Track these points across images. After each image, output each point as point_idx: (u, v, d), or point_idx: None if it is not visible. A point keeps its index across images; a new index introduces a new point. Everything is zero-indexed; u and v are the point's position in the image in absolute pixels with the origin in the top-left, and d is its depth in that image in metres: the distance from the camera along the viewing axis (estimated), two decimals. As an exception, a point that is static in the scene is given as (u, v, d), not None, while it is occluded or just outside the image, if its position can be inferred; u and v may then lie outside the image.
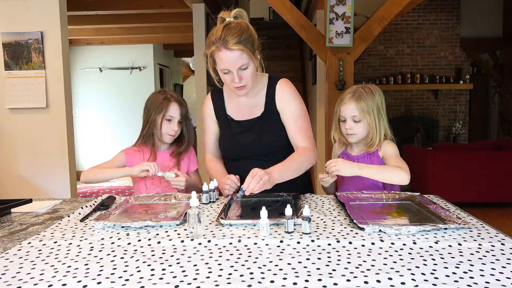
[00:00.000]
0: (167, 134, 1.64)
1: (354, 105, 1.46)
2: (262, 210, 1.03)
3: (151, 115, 1.64)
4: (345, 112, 1.49)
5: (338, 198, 1.36)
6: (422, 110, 6.97)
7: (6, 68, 3.19)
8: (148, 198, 1.44)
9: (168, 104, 1.63)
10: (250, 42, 1.35)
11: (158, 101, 1.64)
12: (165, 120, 1.63)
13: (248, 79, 1.40)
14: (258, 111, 1.53)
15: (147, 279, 0.79)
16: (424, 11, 6.75)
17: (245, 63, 1.35)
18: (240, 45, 1.31)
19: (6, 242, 1.04)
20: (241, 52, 1.32)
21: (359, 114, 1.46)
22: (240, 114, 1.56)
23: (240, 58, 1.34)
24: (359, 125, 1.48)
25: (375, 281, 0.76)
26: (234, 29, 1.33)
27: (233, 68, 1.35)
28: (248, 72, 1.38)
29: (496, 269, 0.80)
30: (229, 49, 1.32)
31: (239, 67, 1.35)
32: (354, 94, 1.48)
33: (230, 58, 1.33)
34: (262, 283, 0.76)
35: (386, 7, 3.08)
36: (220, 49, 1.33)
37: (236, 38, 1.31)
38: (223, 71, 1.39)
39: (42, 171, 3.25)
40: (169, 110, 1.63)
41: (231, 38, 1.31)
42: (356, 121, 1.47)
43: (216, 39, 1.33)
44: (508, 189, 4.38)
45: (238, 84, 1.39)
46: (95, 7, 4.55)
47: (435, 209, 1.21)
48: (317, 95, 4.67)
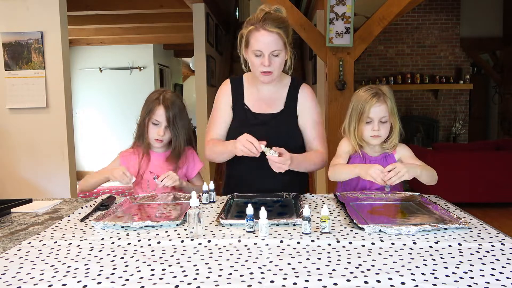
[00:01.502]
0: (153, 139, 1.58)
1: (385, 106, 1.44)
2: (261, 210, 1.03)
3: (142, 116, 1.60)
4: (374, 113, 1.44)
5: (338, 198, 1.36)
6: (422, 110, 6.97)
7: (6, 68, 3.19)
8: (148, 198, 1.44)
9: (155, 107, 1.56)
10: (287, 32, 1.41)
11: (150, 101, 1.59)
12: (152, 124, 1.57)
13: (276, 66, 1.42)
14: (277, 107, 1.53)
15: (147, 279, 0.79)
16: (424, 11, 6.75)
17: (278, 49, 1.39)
18: (278, 29, 1.37)
19: (6, 242, 1.04)
20: (278, 36, 1.37)
21: (388, 115, 1.45)
22: (258, 106, 1.55)
23: (275, 42, 1.38)
24: (385, 126, 1.46)
25: (375, 281, 0.76)
26: (275, 16, 1.39)
27: (266, 50, 1.38)
28: (278, 60, 1.41)
29: (496, 269, 0.80)
30: (268, 30, 1.36)
31: (271, 52, 1.39)
32: (380, 95, 1.44)
33: (266, 39, 1.37)
34: (262, 283, 0.76)
35: (386, 7, 3.07)
36: (259, 29, 1.37)
37: (275, 23, 1.37)
38: (255, 53, 1.41)
39: (42, 171, 3.25)
40: (155, 113, 1.56)
41: (271, 22, 1.37)
42: (383, 122, 1.45)
43: (256, 20, 1.38)
44: (508, 189, 4.38)
45: (266, 69, 1.41)
46: (95, 7, 4.55)
47: (435, 209, 1.21)
48: (317, 95, 4.65)
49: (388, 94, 1.47)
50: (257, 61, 1.41)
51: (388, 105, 1.45)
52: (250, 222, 1.06)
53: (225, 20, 6.02)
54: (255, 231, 1.05)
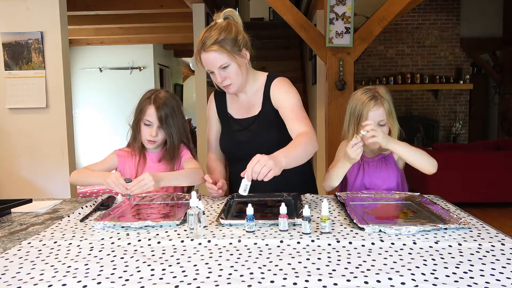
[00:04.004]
0: (146, 139, 1.55)
1: (382, 109, 1.44)
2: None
3: (134, 117, 1.57)
4: (373, 117, 1.43)
5: (338, 198, 1.36)
6: (422, 110, 6.97)
7: (6, 68, 3.19)
8: (148, 198, 1.44)
9: (146, 106, 1.53)
10: (230, 41, 1.38)
11: (141, 101, 1.56)
12: (144, 125, 1.54)
13: (232, 77, 1.42)
14: (256, 110, 1.54)
15: (147, 279, 0.79)
16: (424, 11, 6.75)
17: (224, 62, 1.39)
18: (216, 45, 1.36)
19: (6, 242, 1.04)
20: (217, 52, 1.36)
21: (386, 118, 1.45)
22: (239, 112, 1.57)
23: (217, 58, 1.38)
24: (383, 129, 1.45)
25: (375, 281, 0.76)
26: (213, 30, 1.38)
27: (213, 68, 1.40)
28: (230, 71, 1.41)
29: (496, 269, 0.80)
30: (206, 51, 1.37)
31: (219, 67, 1.39)
32: (377, 98, 1.44)
33: (208, 59, 1.39)
34: (262, 283, 0.76)
35: (386, 7, 3.07)
36: (200, 52, 1.40)
37: (212, 39, 1.36)
38: (208, 72, 1.44)
39: (42, 171, 3.25)
40: (146, 113, 1.52)
41: (208, 40, 1.36)
42: (381, 125, 1.45)
43: (198, 43, 1.40)
44: (508, 189, 4.38)
45: (223, 83, 1.44)
46: (95, 7, 4.55)
47: (435, 209, 1.21)
48: (317, 95, 4.66)
49: (386, 96, 1.47)
50: (213, 78, 1.45)
51: (385, 107, 1.44)
52: (250, 222, 1.06)
53: (225, 20, 6.01)
54: (255, 231, 1.06)
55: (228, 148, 1.61)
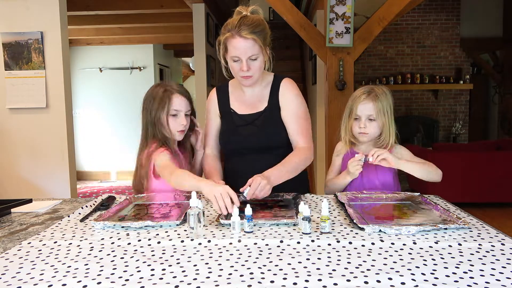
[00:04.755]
0: (177, 131, 1.50)
1: (371, 104, 1.46)
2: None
3: (155, 113, 1.48)
4: (361, 111, 1.48)
5: (338, 198, 1.36)
6: (422, 110, 6.97)
7: (6, 68, 3.19)
8: (148, 198, 1.44)
9: (171, 97, 1.48)
10: (263, 35, 1.41)
11: (159, 95, 1.49)
12: (171, 116, 1.49)
13: (256, 70, 1.44)
14: (262, 106, 1.56)
15: (147, 279, 0.79)
16: (424, 11, 6.75)
17: (255, 53, 1.41)
18: (254, 35, 1.37)
19: (6, 242, 1.04)
20: (254, 42, 1.38)
21: (376, 113, 1.46)
22: (243, 108, 1.58)
23: (251, 47, 1.39)
24: (373, 125, 1.48)
25: (375, 281, 0.76)
26: (250, 20, 1.39)
27: (243, 56, 1.40)
28: (256, 64, 1.43)
29: (496, 269, 0.80)
30: (243, 37, 1.37)
31: (249, 57, 1.40)
32: (371, 93, 1.48)
33: (242, 46, 1.39)
34: (262, 283, 0.76)
35: (386, 7, 3.07)
36: (234, 36, 1.38)
37: (251, 28, 1.37)
38: (233, 59, 1.43)
39: (42, 171, 3.25)
40: (172, 103, 1.48)
41: (246, 28, 1.37)
42: (371, 120, 1.47)
43: (232, 27, 1.39)
44: (508, 189, 4.38)
45: (245, 74, 1.43)
46: (95, 7, 4.55)
47: (435, 209, 1.21)
48: (317, 95, 4.67)
49: (381, 94, 1.48)
50: (236, 66, 1.44)
51: (376, 104, 1.46)
52: (249, 223, 1.06)
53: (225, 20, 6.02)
54: (255, 231, 1.06)
55: (229, 142, 1.59)
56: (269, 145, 1.53)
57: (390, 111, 1.49)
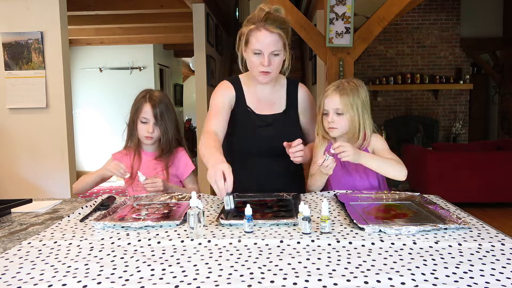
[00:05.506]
0: (143, 137, 1.61)
1: (338, 98, 1.44)
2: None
3: (131, 116, 1.64)
4: (328, 105, 1.46)
5: (338, 198, 1.36)
6: (422, 110, 6.96)
7: (6, 68, 3.19)
8: (148, 198, 1.44)
9: (142, 104, 1.60)
10: (287, 33, 1.41)
11: (137, 100, 1.63)
12: (140, 122, 1.60)
13: (275, 67, 1.43)
14: (279, 108, 1.55)
15: (147, 279, 0.79)
16: (424, 11, 6.75)
17: (278, 49, 1.40)
18: (280, 30, 1.37)
19: (6, 242, 1.04)
20: (279, 37, 1.38)
21: (343, 107, 1.43)
22: (260, 108, 1.55)
23: (275, 42, 1.38)
24: (342, 119, 1.45)
25: (375, 281, 0.76)
26: (275, 16, 1.39)
27: (266, 50, 1.39)
28: (277, 60, 1.42)
29: (496, 269, 0.80)
30: (269, 30, 1.37)
31: (271, 51, 1.39)
32: (338, 87, 1.46)
33: (267, 39, 1.37)
34: (262, 283, 0.76)
35: (386, 7, 3.07)
36: (260, 29, 1.38)
37: (277, 23, 1.37)
38: (254, 52, 1.41)
39: (42, 171, 3.25)
40: (142, 111, 1.60)
41: (272, 22, 1.37)
42: (339, 114, 1.44)
43: (257, 20, 1.38)
44: (508, 189, 4.38)
45: (265, 69, 1.41)
46: (95, 7, 4.55)
47: (435, 209, 1.21)
48: (317, 95, 4.67)
49: (350, 89, 1.45)
50: (256, 59, 1.41)
51: (342, 97, 1.43)
52: (249, 223, 1.06)
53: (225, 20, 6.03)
54: (255, 231, 1.06)
55: (252, 145, 1.51)
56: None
57: (362, 104, 1.45)
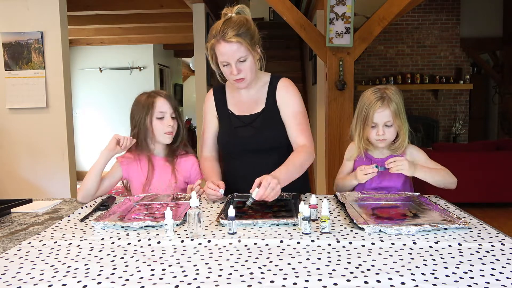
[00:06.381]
0: (164, 133, 1.54)
1: (388, 111, 1.43)
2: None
3: (139, 118, 1.54)
4: (378, 118, 1.44)
5: (338, 198, 1.36)
6: (422, 110, 6.96)
7: (6, 68, 3.19)
8: (148, 198, 1.44)
9: (154, 100, 1.53)
10: (249, 35, 1.39)
11: (142, 101, 1.55)
12: (156, 119, 1.53)
13: (247, 71, 1.43)
14: (259, 107, 1.55)
15: (147, 279, 0.79)
16: (424, 11, 6.75)
17: (243, 55, 1.39)
18: (238, 38, 1.36)
19: (6, 242, 1.04)
20: (239, 44, 1.36)
21: (392, 119, 1.44)
22: (241, 109, 1.57)
23: (238, 50, 1.37)
24: (391, 130, 1.46)
25: (375, 281, 0.76)
26: (233, 22, 1.37)
27: (231, 60, 1.39)
28: (246, 65, 1.42)
29: (496, 269, 0.80)
30: (227, 41, 1.36)
31: (237, 59, 1.39)
32: (385, 99, 1.44)
33: (228, 50, 1.37)
34: (262, 283, 0.76)
35: (386, 7, 3.07)
36: (220, 41, 1.37)
37: (234, 31, 1.36)
38: (222, 64, 1.42)
39: (42, 171, 3.25)
40: (157, 106, 1.53)
41: (229, 31, 1.36)
42: (388, 126, 1.45)
43: (216, 33, 1.38)
44: (508, 189, 4.37)
45: (237, 77, 1.43)
46: (95, 7, 4.55)
47: (435, 209, 1.21)
48: (317, 95, 4.67)
49: (393, 97, 1.45)
50: (226, 70, 1.43)
51: (391, 109, 1.44)
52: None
53: (225, 20, 6.02)
54: (255, 231, 1.06)
55: (227, 144, 1.58)
56: (268, 146, 1.52)
57: (403, 111, 1.47)
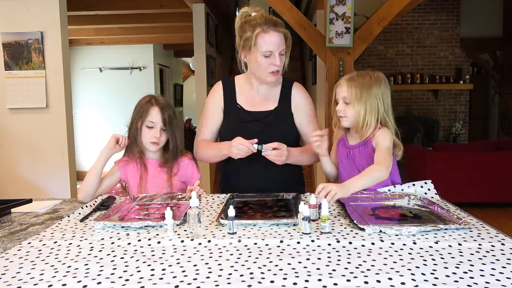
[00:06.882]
0: (149, 142, 1.52)
1: (345, 86, 1.43)
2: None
3: (133, 120, 1.55)
4: (337, 93, 1.47)
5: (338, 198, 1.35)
6: (422, 110, 6.96)
7: (6, 68, 3.19)
8: (148, 198, 1.44)
9: (149, 108, 1.51)
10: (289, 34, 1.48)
11: (141, 105, 1.55)
12: (146, 127, 1.52)
13: (282, 67, 1.48)
14: (271, 105, 1.56)
15: (147, 279, 0.79)
16: (424, 11, 6.75)
17: (284, 49, 1.45)
18: (286, 30, 1.43)
19: (6, 242, 1.04)
20: (286, 36, 1.44)
21: (349, 96, 1.42)
22: (251, 105, 1.57)
23: (282, 41, 1.44)
24: (350, 108, 1.43)
25: (375, 281, 0.76)
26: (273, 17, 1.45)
27: (277, 49, 1.43)
28: (283, 59, 1.47)
29: (496, 269, 0.80)
30: (277, 31, 1.41)
31: (280, 51, 1.44)
32: (351, 77, 1.45)
33: (276, 39, 1.42)
34: (262, 283, 0.76)
35: (386, 7, 3.07)
36: (268, 31, 1.41)
37: (283, 25, 1.44)
38: (264, 54, 1.43)
39: (42, 171, 3.25)
40: (149, 115, 1.51)
41: (279, 23, 1.43)
42: (347, 103, 1.43)
43: (262, 22, 1.41)
44: (508, 189, 4.37)
45: (277, 68, 1.45)
46: (95, 7, 4.55)
47: (435, 209, 1.21)
48: (317, 95, 4.67)
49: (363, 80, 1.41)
50: (266, 61, 1.44)
51: (352, 86, 1.41)
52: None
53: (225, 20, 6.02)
54: (254, 231, 1.06)
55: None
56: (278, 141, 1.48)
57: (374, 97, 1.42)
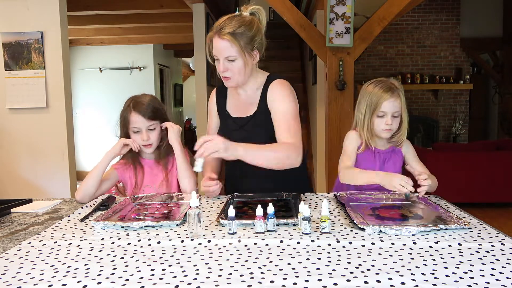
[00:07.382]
0: (142, 146, 1.54)
1: (398, 101, 1.48)
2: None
3: (120, 129, 1.56)
4: (387, 108, 1.47)
5: (338, 198, 1.36)
6: (422, 110, 6.96)
7: (6, 68, 3.19)
8: (148, 198, 1.44)
9: (129, 115, 1.52)
10: (246, 37, 1.38)
11: (123, 110, 1.55)
12: (133, 133, 1.53)
13: (234, 72, 1.41)
14: (252, 110, 1.51)
15: (147, 279, 0.79)
16: (424, 11, 6.75)
17: (232, 55, 1.38)
18: (231, 37, 1.35)
19: (6, 242, 1.04)
20: (230, 43, 1.36)
21: (400, 110, 1.49)
22: (237, 111, 1.56)
23: (227, 48, 1.37)
24: (397, 121, 1.50)
25: (375, 281, 0.76)
26: (235, 21, 1.38)
27: (220, 56, 1.40)
28: (234, 66, 1.40)
29: (496, 269, 0.80)
30: (220, 37, 1.37)
31: (226, 57, 1.39)
32: (394, 90, 1.48)
33: (219, 46, 1.38)
34: (262, 283, 0.76)
35: (386, 7, 3.08)
36: (214, 36, 1.39)
37: (231, 29, 1.36)
38: (214, 57, 1.44)
39: (42, 171, 3.25)
40: (131, 122, 1.51)
41: (226, 28, 1.37)
42: (395, 117, 1.49)
43: (215, 26, 1.40)
44: (508, 189, 4.37)
45: (223, 74, 1.43)
46: (95, 7, 4.55)
47: (435, 209, 1.21)
48: (317, 95, 4.66)
49: (401, 89, 1.51)
50: (216, 65, 1.44)
51: (401, 100, 1.49)
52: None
53: (225, 20, 6.03)
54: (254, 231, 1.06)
55: None
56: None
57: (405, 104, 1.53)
